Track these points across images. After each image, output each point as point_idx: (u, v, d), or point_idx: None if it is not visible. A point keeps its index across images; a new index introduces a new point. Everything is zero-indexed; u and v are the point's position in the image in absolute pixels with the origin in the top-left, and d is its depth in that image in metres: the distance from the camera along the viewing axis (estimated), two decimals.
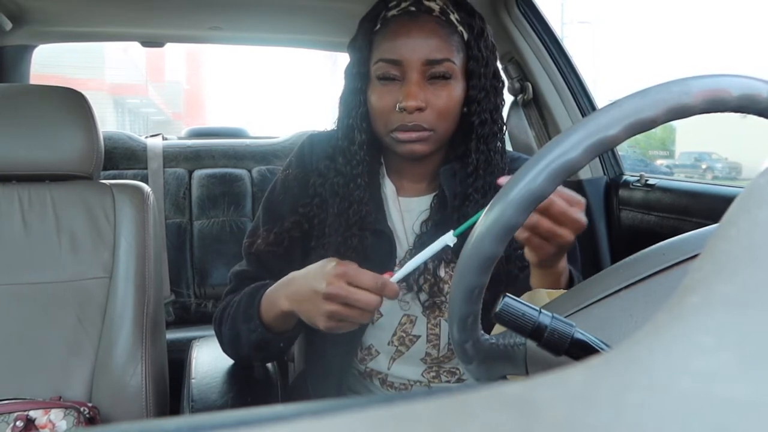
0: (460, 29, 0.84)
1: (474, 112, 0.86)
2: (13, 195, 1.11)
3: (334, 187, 0.89)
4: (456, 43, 0.83)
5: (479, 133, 0.86)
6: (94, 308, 1.08)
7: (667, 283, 0.48)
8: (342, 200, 0.88)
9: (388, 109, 0.83)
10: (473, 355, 0.52)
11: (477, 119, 0.86)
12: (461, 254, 0.46)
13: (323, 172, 0.91)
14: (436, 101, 0.82)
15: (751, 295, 0.16)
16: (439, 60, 0.81)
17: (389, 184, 0.92)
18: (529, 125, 1.59)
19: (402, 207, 0.92)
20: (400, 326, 0.90)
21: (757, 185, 0.23)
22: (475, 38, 0.85)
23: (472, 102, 0.85)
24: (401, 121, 0.82)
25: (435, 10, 0.83)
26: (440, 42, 0.81)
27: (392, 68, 0.82)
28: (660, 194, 1.36)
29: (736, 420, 0.12)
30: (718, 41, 42.28)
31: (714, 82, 0.41)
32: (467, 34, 0.85)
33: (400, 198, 0.92)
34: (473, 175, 0.87)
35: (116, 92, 22.44)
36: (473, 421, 0.13)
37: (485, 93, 0.86)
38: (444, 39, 0.82)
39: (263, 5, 1.62)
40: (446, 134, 0.86)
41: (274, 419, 0.25)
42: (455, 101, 0.84)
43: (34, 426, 0.94)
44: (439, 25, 0.82)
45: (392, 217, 0.91)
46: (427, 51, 0.81)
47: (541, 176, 0.42)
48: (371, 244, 0.87)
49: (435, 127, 0.83)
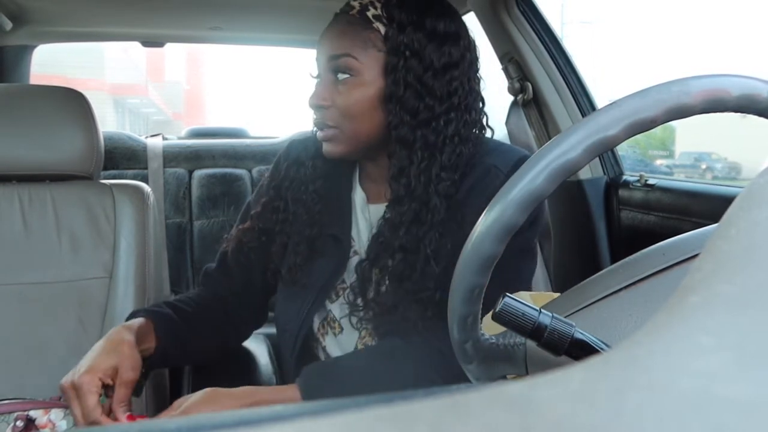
0: (375, 25, 0.81)
1: (390, 111, 0.81)
2: (13, 195, 1.11)
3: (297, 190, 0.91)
4: (364, 39, 0.81)
5: (395, 134, 0.82)
6: (95, 308, 1.08)
7: (667, 283, 0.48)
8: (304, 205, 0.90)
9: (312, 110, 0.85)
10: (473, 355, 0.52)
11: (394, 119, 0.81)
12: (461, 254, 0.46)
13: (292, 176, 0.93)
14: (340, 100, 0.82)
15: (751, 295, 0.16)
16: (338, 55, 0.81)
17: (359, 192, 0.92)
18: (529, 125, 1.59)
19: (371, 214, 0.91)
20: (360, 339, 0.89)
21: (757, 185, 0.23)
22: (397, 30, 0.80)
23: (389, 100, 0.81)
24: (314, 120, 0.85)
25: (354, 9, 0.83)
26: (345, 38, 0.82)
27: (315, 67, 0.85)
28: (660, 194, 1.36)
29: (736, 420, 0.12)
30: (718, 41, 42.30)
31: (714, 82, 0.41)
32: (385, 28, 0.81)
33: (370, 205, 0.91)
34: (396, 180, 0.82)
35: (116, 92, 22.44)
36: (473, 421, 0.13)
37: (404, 88, 0.80)
38: (350, 35, 0.82)
39: (263, 5, 1.62)
40: (358, 133, 0.83)
41: (273, 419, 0.25)
42: (361, 101, 0.81)
43: (34, 426, 0.94)
44: (349, 23, 0.82)
45: (359, 225, 0.91)
46: (330, 47, 0.83)
47: (541, 176, 0.42)
48: (327, 249, 0.89)
49: (340, 126, 0.82)
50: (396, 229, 0.82)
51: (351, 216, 0.91)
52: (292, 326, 0.89)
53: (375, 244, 0.85)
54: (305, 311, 0.88)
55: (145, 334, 0.85)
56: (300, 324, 0.89)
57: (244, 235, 0.94)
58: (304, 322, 0.89)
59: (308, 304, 0.88)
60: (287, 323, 0.90)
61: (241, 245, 0.93)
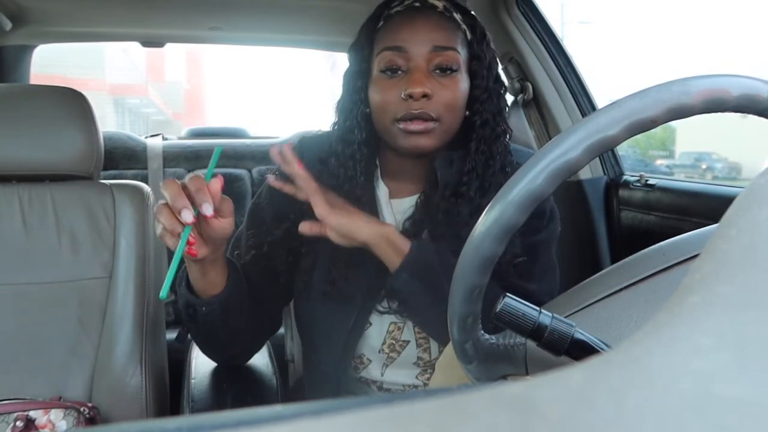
0: (463, 27, 0.84)
1: (476, 112, 0.85)
2: (13, 195, 1.11)
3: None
4: (460, 39, 0.83)
5: (480, 134, 0.85)
6: (94, 308, 1.08)
7: (667, 283, 0.48)
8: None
9: (393, 100, 0.80)
10: (473, 355, 0.52)
11: (479, 119, 0.84)
12: (461, 254, 0.46)
13: (314, 176, 0.87)
14: (443, 91, 0.80)
15: (751, 296, 0.16)
16: (445, 47, 0.80)
17: (383, 187, 0.91)
18: (529, 125, 1.59)
19: (394, 209, 0.90)
20: (389, 334, 0.89)
21: (757, 185, 0.23)
22: (478, 39, 0.84)
23: (475, 101, 0.84)
24: (407, 109, 0.79)
25: (438, 7, 0.83)
26: (445, 33, 0.81)
27: (397, 57, 0.81)
28: (660, 194, 1.36)
29: (735, 420, 0.12)
30: (718, 41, 42.28)
31: (714, 82, 0.41)
32: (470, 34, 0.84)
33: (392, 200, 0.91)
34: (470, 174, 0.84)
35: (116, 92, 22.46)
36: (473, 421, 0.13)
37: (488, 94, 0.85)
38: (449, 31, 0.82)
39: (263, 5, 1.62)
40: (451, 129, 0.84)
41: (273, 419, 0.25)
42: (461, 94, 0.82)
43: (34, 426, 0.94)
44: (443, 19, 0.82)
45: (385, 221, 0.89)
46: (433, 39, 0.80)
47: (541, 176, 0.42)
48: (363, 248, 0.84)
49: (441, 117, 0.81)
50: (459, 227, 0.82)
51: (377, 213, 0.89)
52: (339, 335, 0.87)
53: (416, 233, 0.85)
54: (352, 319, 0.86)
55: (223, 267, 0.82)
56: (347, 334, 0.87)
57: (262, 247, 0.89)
58: (353, 331, 0.87)
59: (355, 309, 0.86)
60: (330, 330, 0.88)
61: (259, 258, 0.89)
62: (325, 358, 0.90)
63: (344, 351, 0.89)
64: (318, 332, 0.91)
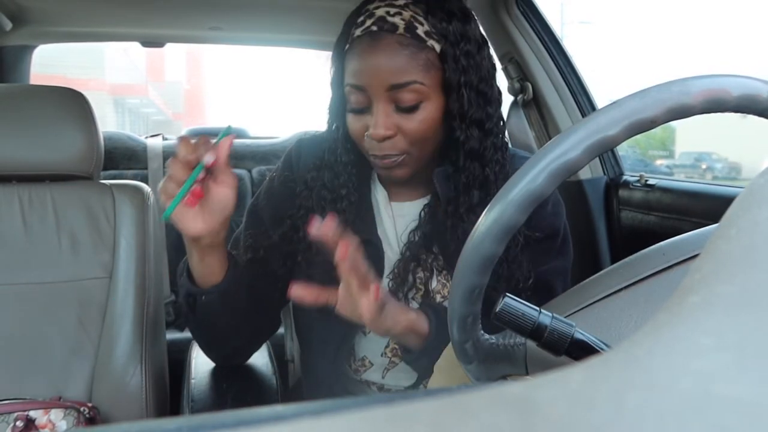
0: (430, 43, 0.76)
1: (457, 128, 0.80)
2: (13, 195, 1.11)
3: (320, 198, 0.86)
4: (424, 61, 0.76)
5: (466, 148, 0.81)
6: (95, 308, 1.08)
7: (667, 283, 0.48)
8: (328, 211, 0.84)
9: (361, 135, 0.79)
10: (473, 355, 0.52)
11: (462, 135, 0.80)
12: (461, 254, 0.46)
13: (309, 182, 0.88)
14: (407, 126, 0.77)
15: (751, 296, 0.16)
16: (403, 84, 0.75)
17: (381, 190, 0.90)
18: (529, 125, 1.59)
19: (394, 212, 0.89)
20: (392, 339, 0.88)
21: (757, 185, 0.23)
22: (452, 46, 0.77)
23: (454, 118, 0.79)
24: (373, 149, 0.79)
25: (399, 27, 0.76)
26: (404, 63, 0.75)
27: (360, 96, 0.78)
28: (660, 194, 1.36)
29: (735, 420, 0.12)
30: (718, 41, 42.26)
31: (714, 82, 0.41)
32: (440, 45, 0.77)
33: (393, 203, 0.89)
34: (466, 188, 0.82)
35: (116, 92, 22.46)
36: (473, 421, 0.13)
37: (469, 104, 0.79)
38: (409, 59, 0.75)
39: (263, 5, 1.62)
40: (426, 153, 0.81)
41: (273, 419, 0.25)
42: (429, 123, 0.78)
43: (34, 426, 0.94)
44: (402, 45, 0.75)
45: (384, 224, 0.89)
46: (390, 75, 0.75)
47: (541, 176, 0.42)
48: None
49: (409, 151, 0.79)
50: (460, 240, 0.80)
51: (374, 216, 0.88)
52: (335, 338, 0.87)
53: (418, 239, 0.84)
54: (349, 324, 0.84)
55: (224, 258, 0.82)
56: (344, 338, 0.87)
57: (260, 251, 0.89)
58: (347, 335, 0.87)
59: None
60: (327, 334, 0.87)
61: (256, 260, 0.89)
62: (321, 359, 0.90)
63: (340, 354, 0.89)
64: (315, 336, 0.91)
